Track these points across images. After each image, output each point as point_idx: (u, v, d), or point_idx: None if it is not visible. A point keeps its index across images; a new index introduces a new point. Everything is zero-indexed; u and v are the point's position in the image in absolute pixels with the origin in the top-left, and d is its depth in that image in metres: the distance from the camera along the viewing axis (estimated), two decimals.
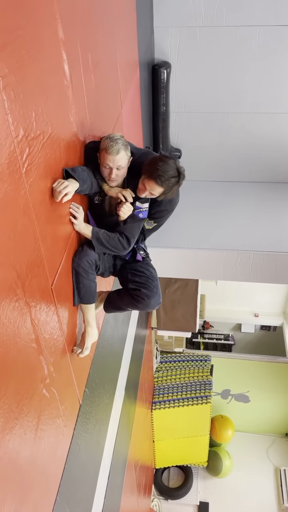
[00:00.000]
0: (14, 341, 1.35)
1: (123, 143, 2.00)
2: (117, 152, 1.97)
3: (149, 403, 5.87)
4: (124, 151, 2.01)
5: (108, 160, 1.99)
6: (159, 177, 2.02)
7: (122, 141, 1.99)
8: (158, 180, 2.02)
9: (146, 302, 2.14)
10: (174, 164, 2.06)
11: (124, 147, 2.00)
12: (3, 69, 1.20)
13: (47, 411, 1.70)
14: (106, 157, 1.99)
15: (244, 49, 4.35)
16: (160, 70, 4.33)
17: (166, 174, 2.02)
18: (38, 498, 1.64)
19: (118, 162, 2.00)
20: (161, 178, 2.02)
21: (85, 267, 2.02)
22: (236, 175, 5.22)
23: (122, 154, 2.00)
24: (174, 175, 2.05)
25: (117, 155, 1.98)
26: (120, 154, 1.98)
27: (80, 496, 2.30)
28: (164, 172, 2.01)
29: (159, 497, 6.46)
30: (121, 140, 2.00)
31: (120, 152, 1.98)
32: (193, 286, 5.53)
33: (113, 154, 1.97)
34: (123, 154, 2.00)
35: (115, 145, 1.96)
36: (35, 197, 1.49)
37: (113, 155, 1.97)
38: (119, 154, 1.98)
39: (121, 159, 2.00)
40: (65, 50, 1.73)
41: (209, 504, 6.44)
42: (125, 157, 2.03)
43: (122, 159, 2.01)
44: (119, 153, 1.98)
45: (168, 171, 2.02)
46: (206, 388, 6.20)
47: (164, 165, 2.02)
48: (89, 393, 2.44)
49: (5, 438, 1.31)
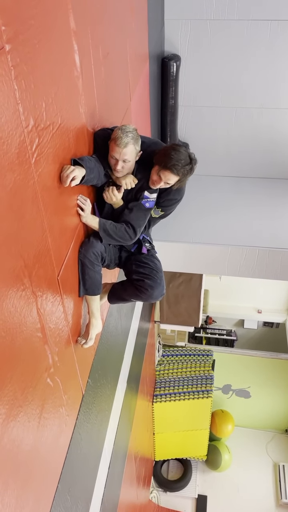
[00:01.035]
0: (20, 330, 1.37)
1: (134, 136, 1.99)
2: (125, 145, 1.97)
3: (150, 396, 5.90)
4: (133, 145, 2.00)
5: (115, 152, 2.00)
6: (174, 166, 2.03)
7: (132, 135, 1.99)
8: (174, 169, 2.04)
9: (150, 292, 2.14)
10: (186, 152, 2.07)
11: (133, 141, 1.99)
12: (15, 59, 1.20)
13: (50, 400, 1.72)
14: (114, 148, 2.00)
15: (254, 43, 4.31)
16: (170, 63, 4.31)
17: (180, 163, 2.04)
18: (40, 485, 1.67)
19: (125, 155, 2.00)
20: (176, 167, 2.04)
21: (91, 258, 2.03)
22: (244, 170, 5.20)
23: (130, 148, 1.99)
24: (188, 162, 2.07)
25: (124, 148, 1.98)
26: (127, 148, 1.98)
27: (80, 485, 2.33)
28: (178, 160, 2.03)
29: (158, 489, 6.52)
30: (132, 133, 1.99)
31: (128, 146, 1.98)
32: (197, 281, 5.53)
33: (121, 146, 1.97)
34: (131, 148, 2.00)
35: (124, 138, 1.96)
36: (43, 187, 1.49)
37: (121, 148, 1.98)
38: (126, 147, 1.98)
39: (128, 152, 2.00)
40: (76, 40, 1.73)
41: (207, 498, 6.49)
42: (133, 151, 2.03)
43: (130, 153, 2.01)
44: (126, 146, 1.98)
45: (182, 159, 2.04)
46: (208, 382, 6.22)
47: (177, 153, 2.04)
48: (92, 384, 2.46)
49: (9, 425, 1.33)
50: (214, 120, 4.90)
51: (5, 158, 1.19)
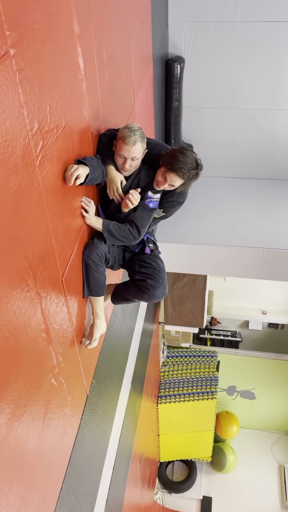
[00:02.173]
0: (24, 330, 1.38)
1: (141, 134, 2.02)
2: (133, 143, 1.99)
3: (155, 397, 5.91)
4: (141, 142, 2.03)
5: (124, 150, 2.02)
6: (181, 169, 2.04)
7: (139, 133, 2.01)
8: (179, 172, 2.05)
9: (152, 292, 2.15)
10: (193, 156, 2.09)
11: (141, 139, 2.02)
12: (19, 63, 1.21)
13: (55, 400, 1.73)
14: (122, 147, 2.01)
15: (258, 45, 4.32)
16: (174, 65, 4.32)
17: (187, 166, 2.05)
18: (44, 485, 1.68)
19: (134, 153, 2.02)
20: (182, 170, 2.05)
21: (95, 259, 2.04)
22: (248, 172, 5.20)
23: (139, 145, 2.02)
24: (194, 167, 2.08)
25: (133, 146, 2.00)
26: (136, 146, 2.00)
27: (85, 486, 2.34)
28: (185, 163, 2.04)
29: (163, 490, 6.51)
30: (139, 131, 2.02)
31: (136, 144, 2.00)
32: (202, 282, 5.54)
33: (130, 144, 1.99)
34: (139, 146, 2.02)
35: (132, 135, 1.98)
36: (48, 189, 1.51)
37: (130, 146, 2.00)
38: (135, 145, 2.00)
39: (137, 150, 2.02)
40: (80, 44, 1.75)
41: (212, 499, 6.48)
42: (141, 149, 2.05)
43: (138, 151, 2.03)
44: (135, 144, 2.00)
45: (189, 163, 2.06)
46: (212, 384, 6.22)
47: (184, 157, 2.05)
48: (96, 385, 2.47)
49: (14, 424, 1.35)
50: (218, 122, 4.91)
51: (10, 161, 1.20)
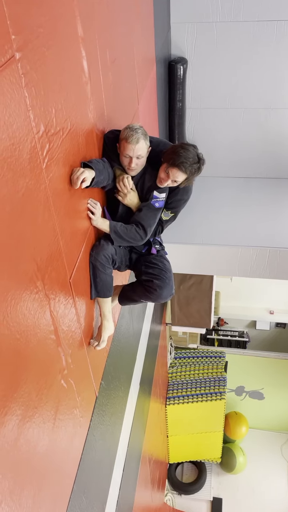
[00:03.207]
0: (34, 332, 1.39)
1: (143, 132, 2.03)
2: (137, 141, 2.00)
3: (163, 398, 5.90)
4: (144, 140, 2.04)
5: (128, 150, 2.03)
6: (183, 164, 2.05)
7: (141, 131, 2.03)
8: (182, 166, 2.05)
9: (158, 292, 2.15)
10: (194, 150, 2.09)
11: (143, 137, 2.03)
12: (25, 66, 1.23)
13: (64, 402, 1.74)
14: (126, 147, 2.03)
15: (261, 44, 4.31)
16: (177, 66, 4.33)
17: (188, 161, 2.05)
18: (55, 486, 1.69)
19: (138, 151, 2.03)
20: (184, 164, 2.05)
21: (102, 261, 2.05)
22: (252, 171, 5.19)
23: (142, 143, 2.03)
24: (196, 161, 2.08)
25: (137, 144, 2.01)
26: (139, 144, 2.01)
27: (96, 487, 2.34)
28: (186, 158, 2.05)
29: (173, 492, 6.50)
30: (141, 129, 2.03)
31: (139, 142, 2.01)
32: (208, 282, 5.53)
33: (133, 143, 2.00)
34: (142, 144, 2.03)
35: (135, 134, 1.99)
36: (54, 192, 1.52)
37: (133, 144, 2.01)
38: (138, 143, 2.01)
39: (140, 148, 2.03)
40: (84, 47, 1.76)
41: (223, 500, 6.46)
42: (145, 146, 2.06)
43: (142, 148, 2.04)
44: (138, 142, 2.01)
45: (190, 157, 2.06)
46: (220, 384, 6.20)
47: (185, 152, 2.05)
48: (105, 386, 2.48)
49: (25, 425, 1.35)
50: (222, 122, 4.91)
51: (17, 164, 1.21)
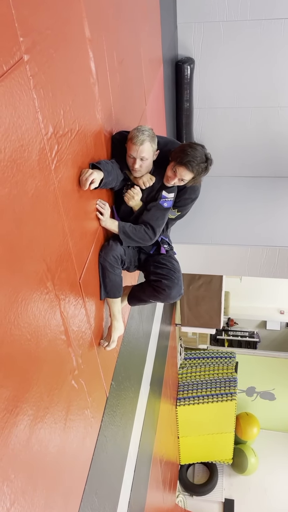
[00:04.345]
0: (44, 333, 1.39)
1: (149, 134, 2.03)
2: (141, 143, 2.00)
3: (174, 399, 5.89)
4: (150, 142, 2.03)
5: (133, 150, 2.03)
6: (190, 163, 2.04)
7: (148, 133, 2.02)
8: (189, 165, 2.05)
9: (167, 292, 2.15)
10: (202, 150, 2.08)
11: (149, 139, 2.02)
12: (33, 68, 1.23)
13: (75, 402, 1.74)
14: (130, 147, 2.03)
15: (268, 43, 4.29)
16: (184, 66, 4.33)
17: (196, 159, 2.04)
18: (67, 486, 1.69)
19: (142, 152, 2.03)
20: (191, 163, 2.04)
21: (111, 262, 2.06)
22: (261, 170, 5.17)
23: (147, 145, 2.02)
24: (204, 161, 2.07)
25: (141, 145, 2.00)
26: (144, 145, 2.01)
27: (107, 488, 2.34)
28: (194, 157, 2.04)
29: (184, 493, 6.48)
30: (148, 132, 2.02)
31: (144, 143, 2.01)
32: (217, 282, 5.51)
33: (137, 144, 2.00)
34: (147, 145, 2.02)
35: (140, 135, 1.99)
36: (63, 193, 1.52)
37: (137, 145, 2.00)
38: (143, 144, 2.01)
39: (145, 150, 2.03)
40: (91, 48, 1.76)
41: (235, 501, 6.42)
42: (150, 149, 2.05)
43: (147, 150, 2.03)
44: (143, 143, 2.00)
45: (198, 156, 2.05)
46: (231, 385, 6.17)
47: (193, 151, 2.05)
48: (116, 386, 2.48)
49: (37, 426, 1.36)
50: (230, 121, 4.89)
51: (26, 165, 1.22)
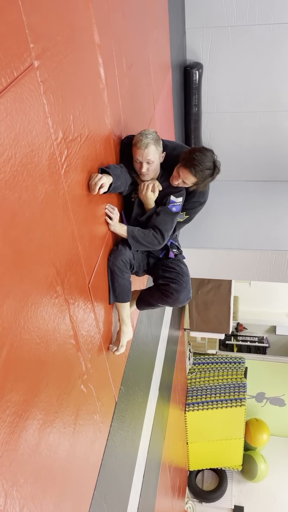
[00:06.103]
0: (54, 337, 1.40)
1: (153, 137, 2.03)
2: (145, 146, 2.00)
3: (183, 405, 5.85)
4: (154, 145, 2.03)
5: (138, 154, 2.03)
6: (194, 167, 2.03)
7: (152, 136, 2.02)
8: (192, 169, 2.04)
9: (175, 296, 2.14)
10: (211, 157, 2.07)
11: (154, 142, 2.02)
12: (43, 74, 1.24)
13: (84, 407, 1.74)
14: (136, 152, 2.04)
15: (277, 47, 4.29)
16: (192, 71, 4.34)
17: (201, 165, 2.03)
18: (76, 492, 1.68)
19: (148, 156, 2.03)
20: (196, 168, 2.03)
21: (120, 266, 2.06)
22: (270, 174, 5.15)
23: (152, 148, 2.02)
24: (210, 167, 2.06)
25: (145, 149, 2.01)
26: (149, 148, 2.01)
27: (116, 493, 2.33)
28: (200, 162, 2.03)
29: (194, 500, 6.42)
30: (152, 135, 2.03)
31: (149, 146, 2.01)
32: (226, 287, 5.49)
33: (142, 148, 2.01)
34: (152, 149, 2.02)
35: (144, 139, 2.00)
36: (73, 197, 1.53)
37: (142, 149, 2.01)
38: (147, 148, 2.01)
39: (150, 153, 2.03)
40: (100, 54, 1.78)
41: (244, 508, 6.35)
42: (155, 152, 2.05)
43: (152, 153, 2.04)
44: (147, 147, 2.01)
45: (205, 162, 2.04)
46: (240, 390, 6.12)
47: (201, 156, 2.04)
48: (124, 391, 2.47)
49: (46, 430, 1.36)
50: (238, 126, 4.89)
51: (37, 170, 1.23)
